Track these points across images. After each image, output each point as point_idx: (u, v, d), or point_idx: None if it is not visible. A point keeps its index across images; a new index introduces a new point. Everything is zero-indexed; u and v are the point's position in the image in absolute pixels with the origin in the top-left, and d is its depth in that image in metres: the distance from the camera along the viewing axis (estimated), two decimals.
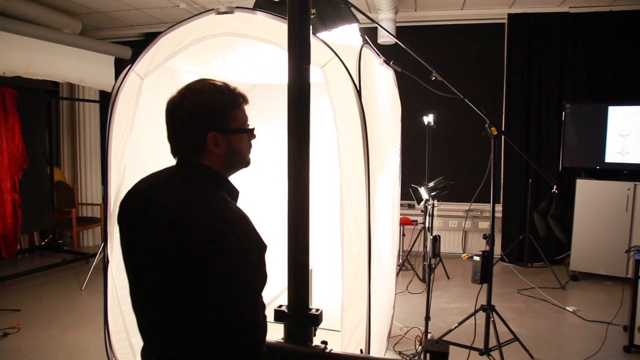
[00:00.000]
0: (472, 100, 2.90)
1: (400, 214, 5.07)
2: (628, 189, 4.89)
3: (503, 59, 5.80)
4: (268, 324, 1.17)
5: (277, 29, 2.16)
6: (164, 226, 1.15)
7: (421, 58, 2.68)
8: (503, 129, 5.72)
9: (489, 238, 3.14)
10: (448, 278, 5.16)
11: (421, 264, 5.14)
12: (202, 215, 1.11)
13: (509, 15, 5.66)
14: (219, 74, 3.18)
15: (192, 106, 1.20)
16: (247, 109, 1.29)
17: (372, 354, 2.35)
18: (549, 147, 5.64)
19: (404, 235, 5.55)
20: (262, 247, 1.14)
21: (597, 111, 5.22)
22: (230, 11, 2.29)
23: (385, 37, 5.26)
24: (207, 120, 1.20)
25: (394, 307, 3.56)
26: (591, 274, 5.12)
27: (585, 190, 5.10)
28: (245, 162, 1.31)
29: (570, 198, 5.23)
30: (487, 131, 2.98)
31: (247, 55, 2.91)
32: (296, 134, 1.29)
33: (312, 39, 2.18)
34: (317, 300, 3.20)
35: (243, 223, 1.12)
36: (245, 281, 1.10)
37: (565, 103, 5.35)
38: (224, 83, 1.25)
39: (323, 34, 2.55)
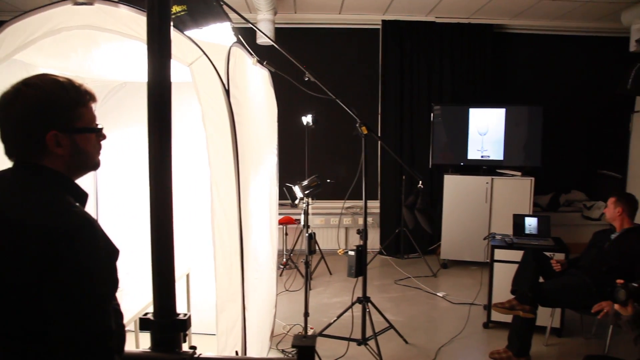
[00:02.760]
0: (343, 100, 3.02)
1: (283, 214, 5.13)
2: (487, 183, 5.46)
3: (378, 63, 6.12)
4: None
5: (140, 23, 2.05)
6: None
7: (294, 59, 2.73)
8: (379, 129, 6.07)
9: (362, 233, 3.28)
10: (330, 274, 5.32)
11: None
12: (41, 220, 1.02)
13: (383, 21, 5.99)
14: (82, 70, 2.94)
15: (28, 102, 1.09)
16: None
17: (252, 354, 2.34)
18: (421, 146, 6.05)
19: (286, 234, 5.61)
20: (111, 252, 1.08)
21: (460, 112, 5.74)
22: (89, 2, 2.14)
23: (264, 37, 5.26)
24: (47, 117, 1.11)
25: (275, 306, 3.59)
26: (458, 260, 5.62)
27: (452, 185, 5.59)
28: (93, 164, 1.23)
29: (439, 193, 5.69)
30: (357, 130, 3.12)
31: (113, 51, 2.72)
32: (156, 133, 1.25)
33: (179, 35, 2.12)
34: (196, 305, 3.11)
35: (88, 227, 1.05)
36: (91, 288, 1.03)
37: (434, 105, 5.80)
38: (68, 79, 1.16)
39: (193, 31, 2.48)
